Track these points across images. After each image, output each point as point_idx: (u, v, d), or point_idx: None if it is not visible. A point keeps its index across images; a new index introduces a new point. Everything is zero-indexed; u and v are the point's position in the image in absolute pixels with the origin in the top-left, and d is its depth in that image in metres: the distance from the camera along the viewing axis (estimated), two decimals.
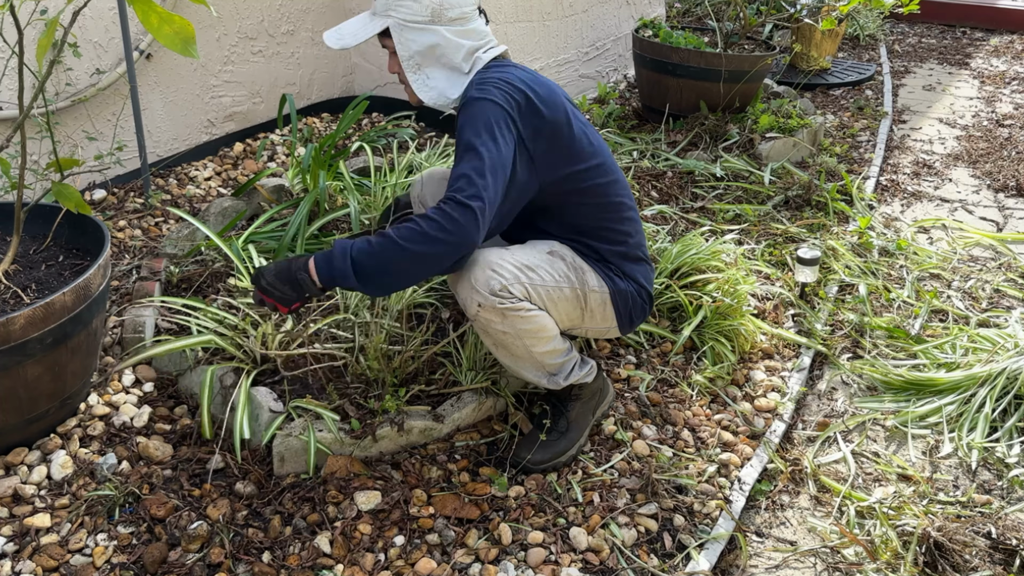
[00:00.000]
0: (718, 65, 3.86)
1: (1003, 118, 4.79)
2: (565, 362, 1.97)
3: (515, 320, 1.81)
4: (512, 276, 1.79)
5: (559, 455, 2.00)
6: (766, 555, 1.86)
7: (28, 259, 2.07)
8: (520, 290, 1.80)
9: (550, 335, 1.88)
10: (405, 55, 1.86)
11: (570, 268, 1.90)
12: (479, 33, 1.89)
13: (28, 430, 1.91)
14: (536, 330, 1.85)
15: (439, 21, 1.83)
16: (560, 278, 1.87)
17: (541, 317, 1.84)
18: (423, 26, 1.83)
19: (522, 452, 2.00)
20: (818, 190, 3.47)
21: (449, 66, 1.87)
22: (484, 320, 1.82)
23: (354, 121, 3.23)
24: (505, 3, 3.87)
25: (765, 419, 2.26)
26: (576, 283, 1.90)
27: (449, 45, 1.84)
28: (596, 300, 1.93)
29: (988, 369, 2.33)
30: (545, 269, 1.86)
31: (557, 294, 1.87)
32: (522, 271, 1.81)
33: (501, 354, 1.92)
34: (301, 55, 3.84)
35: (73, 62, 2.91)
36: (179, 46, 1.61)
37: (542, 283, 1.84)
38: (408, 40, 1.85)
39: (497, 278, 1.77)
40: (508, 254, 1.83)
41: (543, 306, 1.85)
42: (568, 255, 1.92)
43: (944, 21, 7.09)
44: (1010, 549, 1.82)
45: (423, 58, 1.86)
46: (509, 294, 1.79)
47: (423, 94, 1.88)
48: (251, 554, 1.73)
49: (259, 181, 3.01)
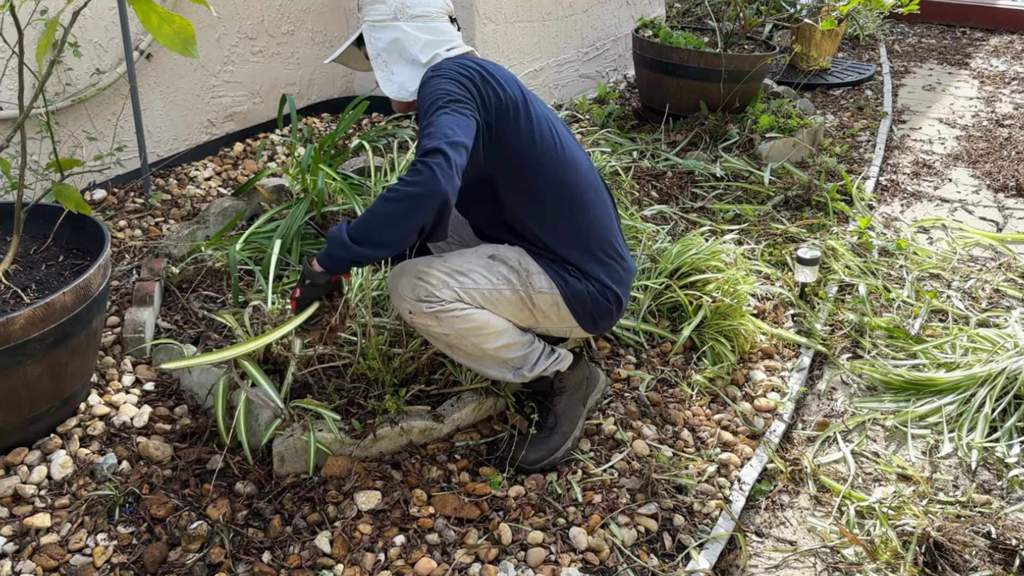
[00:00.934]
0: (718, 65, 3.86)
1: (1003, 118, 4.79)
2: (528, 354, 1.96)
3: (452, 321, 1.83)
4: (439, 282, 1.82)
5: (553, 451, 2.00)
6: (766, 555, 1.86)
7: (28, 259, 2.07)
8: (449, 294, 1.82)
9: (498, 330, 1.88)
10: (373, 53, 1.96)
11: (512, 271, 1.89)
12: (442, 32, 1.95)
13: (28, 430, 1.91)
14: (478, 327, 1.85)
15: (401, 17, 1.93)
16: (498, 280, 1.87)
17: (479, 314, 1.85)
18: (386, 23, 1.93)
19: (517, 452, 2.01)
20: (818, 190, 3.47)
21: (409, 60, 1.93)
22: (421, 326, 1.87)
23: (354, 121, 3.23)
24: (505, 3, 3.87)
25: (765, 419, 2.26)
26: (519, 285, 1.89)
27: (408, 39, 1.92)
28: (545, 301, 1.92)
29: (988, 369, 2.33)
30: (479, 273, 1.86)
31: (495, 296, 1.87)
32: (451, 276, 1.84)
33: (456, 355, 1.94)
34: (301, 55, 3.84)
35: (73, 62, 2.91)
36: (179, 46, 1.61)
37: (475, 287, 1.85)
38: (375, 39, 1.95)
39: (423, 285, 1.82)
40: (439, 262, 1.86)
41: (480, 306, 1.86)
42: (513, 257, 1.92)
43: (944, 21, 7.09)
44: (1010, 549, 1.82)
45: (388, 54, 1.95)
46: (436, 298, 1.82)
47: (387, 88, 1.96)
48: (251, 554, 1.73)
49: (259, 181, 3.01)
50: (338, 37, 4.01)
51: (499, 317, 1.89)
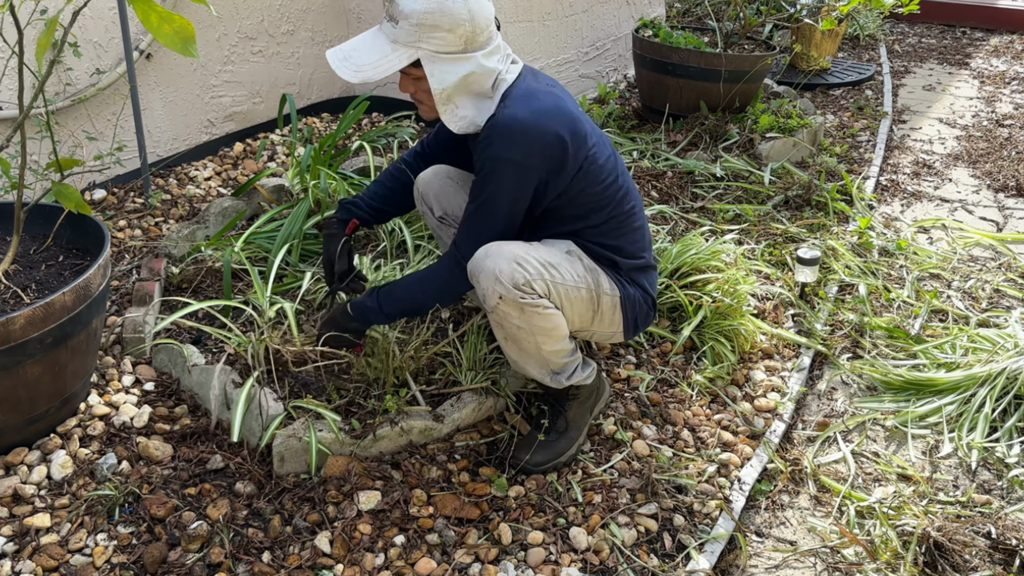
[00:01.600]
0: (718, 65, 3.86)
1: (1003, 118, 4.79)
2: (569, 362, 1.98)
3: (532, 316, 1.81)
4: (536, 271, 1.79)
5: (559, 455, 2.01)
6: (766, 555, 1.86)
7: (28, 259, 2.07)
8: (542, 286, 1.80)
9: (561, 334, 1.89)
10: (438, 88, 1.77)
11: (587, 269, 1.91)
12: (501, 50, 1.84)
13: (28, 430, 1.91)
14: (550, 328, 1.85)
15: (471, 48, 1.75)
16: (578, 278, 1.88)
17: (557, 316, 1.85)
18: (457, 55, 1.74)
19: (521, 453, 2.00)
20: (818, 190, 3.47)
21: (478, 93, 1.81)
22: (502, 313, 1.81)
23: (354, 121, 3.24)
24: (505, 3, 3.87)
25: (765, 419, 2.26)
26: (592, 284, 1.91)
27: (483, 72, 1.78)
28: (607, 303, 1.94)
29: (988, 369, 2.33)
30: (565, 267, 1.86)
31: (575, 294, 1.87)
32: (545, 268, 1.82)
33: (510, 348, 1.92)
34: (301, 55, 3.84)
35: (73, 62, 2.91)
36: (179, 46, 1.61)
37: (562, 281, 1.84)
38: (443, 72, 1.75)
39: (522, 272, 1.77)
40: (532, 249, 1.83)
41: (559, 304, 1.86)
42: (585, 257, 1.93)
43: (944, 21, 7.09)
44: (1010, 549, 1.82)
45: (455, 89, 1.78)
46: (531, 290, 1.78)
47: (453, 125, 1.83)
48: (251, 554, 1.73)
49: (259, 181, 3.01)
50: (338, 37, 4.01)
51: (566, 321, 1.89)
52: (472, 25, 1.72)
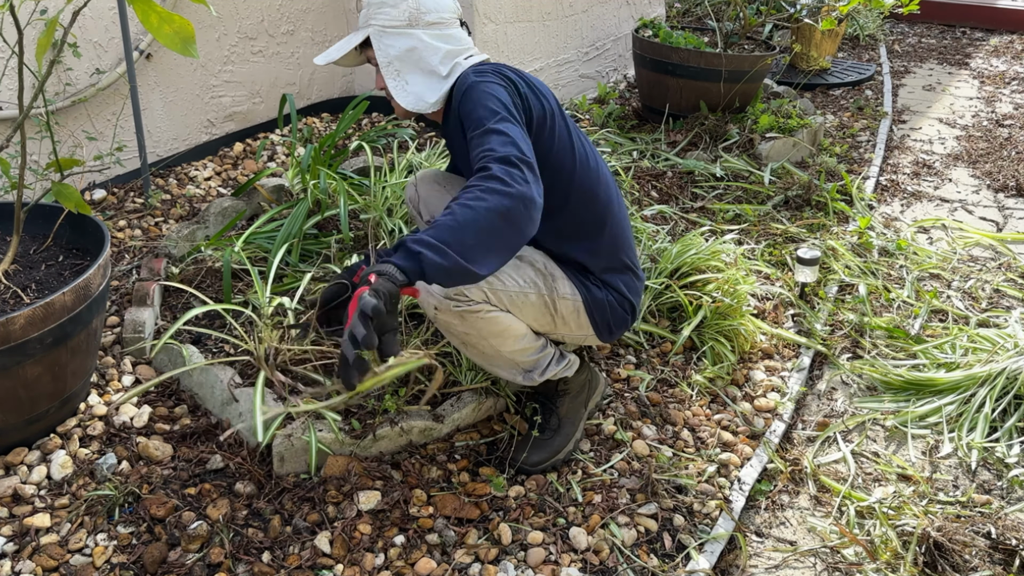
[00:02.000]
0: (718, 65, 3.86)
1: (1003, 118, 4.79)
2: (540, 358, 1.95)
3: (475, 321, 1.80)
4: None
5: (555, 453, 2.00)
6: (766, 555, 1.86)
7: (28, 259, 2.07)
8: (478, 294, 1.79)
9: (517, 334, 1.87)
10: (384, 60, 1.87)
11: (539, 274, 1.88)
12: (458, 39, 1.89)
13: (28, 430, 1.91)
14: (500, 330, 1.84)
15: (417, 24, 1.85)
16: (525, 283, 1.85)
17: (503, 317, 1.83)
18: (400, 30, 1.85)
19: (518, 454, 2.00)
20: (818, 190, 3.47)
21: (427, 70, 1.86)
22: (443, 322, 1.83)
23: (354, 121, 3.24)
24: (505, 3, 3.87)
25: (765, 419, 2.26)
26: (544, 289, 1.87)
27: (427, 48, 1.85)
28: (567, 307, 1.91)
29: (988, 369, 2.33)
30: (508, 274, 1.84)
31: (521, 299, 1.85)
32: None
33: (470, 353, 1.92)
34: (301, 55, 3.84)
35: (73, 62, 2.91)
36: (179, 46, 1.61)
37: (503, 288, 1.82)
38: (387, 46, 1.86)
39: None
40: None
41: (505, 308, 1.84)
42: (540, 260, 1.90)
43: (944, 21, 7.09)
44: (1010, 549, 1.82)
45: (401, 63, 1.86)
46: (465, 297, 1.78)
47: (401, 99, 1.87)
48: (251, 554, 1.73)
49: (259, 181, 3.01)
50: (338, 37, 4.01)
51: (520, 321, 1.87)
52: (416, 3, 1.84)
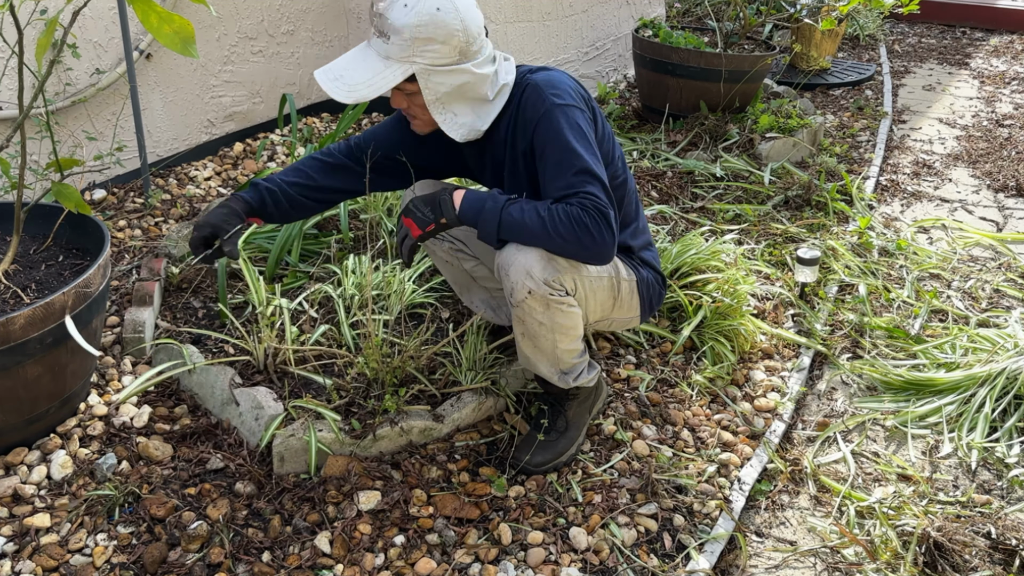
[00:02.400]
0: (718, 65, 3.86)
1: (1003, 118, 4.79)
2: (579, 363, 1.99)
3: (556, 313, 1.82)
4: (565, 268, 1.79)
5: (559, 455, 2.01)
6: (766, 555, 1.86)
7: (28, 259, 2.07)
8: (570, 283, 1.81)
9: (577, 334, 1.91)
10: (432, 99, 1.77)
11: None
12: (491, 53, 1.84)
13: (28, 430, 1.91)
14: (569, 327, 1.86)
15: (466, 58, 1.74)
16: (601, 268, 1.90)
17: (578, 314, 1.87)
18: (451, 67, 1.73)
19: (521, 454, 2.00)
20: (818, 190, 3.47)
21: (474, 99, 1.81)
22: (528, 308, 1.80)
23: (354, 121, 3.24)
24: (505, 3, 3.87)
25: (765, 419, 2.26)
26: (612, 273, 1.93)
27: (477, 81, 1.77)
28: (626, 289, 1.98)
29: (988, 369, 2.33)
30: (588, 266, 1.87)
31: (598, 284, 1.90)
32: (572, 265, 1.81)
33: (526, 344, 1.91)
34: (301, 55, 3.84)
35: (73, 62, 2.91)
36: (179, 46, 1.61)
37: (588, 274, 1.86)
38: (437, 84, 1.75)
39: (553, 268, 1.77)
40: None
41: (584, 298, 1.88)
42: None
43: (944, 21, 7.09)
44: (1010, 549, 1.82)
45: (449, 97, 1.78)
46: (560, 286, 1.79)
47: (453, 132, 1.82)
48: (251, 554, 1.73)
49: None
50: (338, 37, 4.01)
51: (583, 321, 1.91)
52: (466, 35, 1.72)
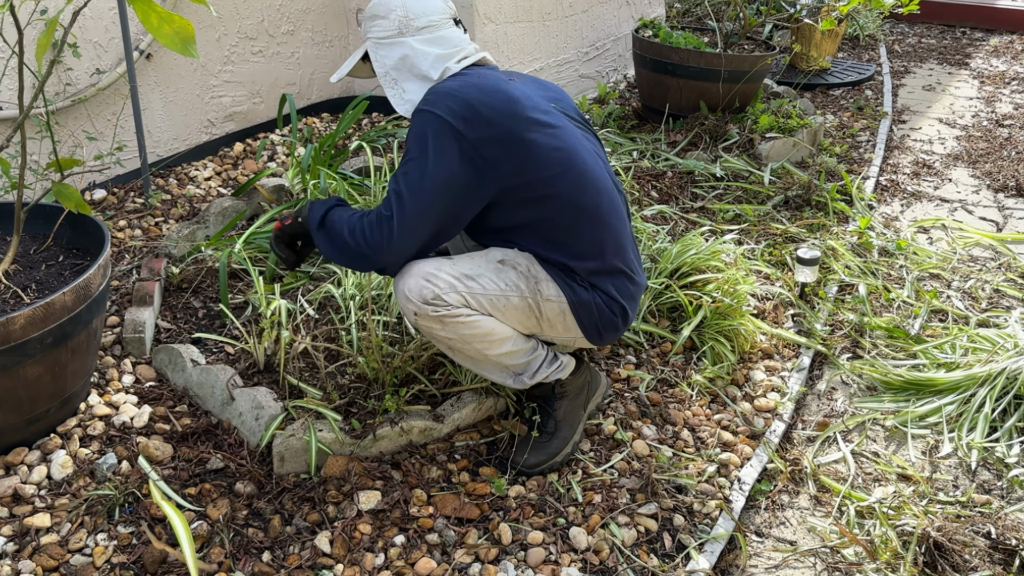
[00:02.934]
0: (718, 65, 3.86)
1: (1003, 118, 4.79)
2: (530, 361, 1.95)
3: (456, 326, 1.82)
4: (447, 285, 1.80)
5: (552, 456, 2.00)
6: (766, 555, 1.86)
7: (28, 259, 2.07)
8: (456, 298, 1.80)
9: (502, 337, 1.87)
10: (381, 72, 1.91)
11: (521, 276, 1.86)
12: (450, 41, 1.89)
13: (28, 430, 1.91)
14: (483, 334, 1.84)
15: (407, 32, 1.88)
16: (507, 287, 1.85)
17: (484, 321, 1.83)
18: (392, 39, 1.89)
19: (518, 456, 2.00)
20: (818, 190, 3.48)
21: (420, 76, 1.88)
22: (425, 328, 1.85)
23: (354, 121, 3.24)
24: (505, 3, 3.87)
25: (765, 419, 2.26)
26: (527, 292, 1.86)
27: (417, 55, 1.87)
28: (552, 309, 1.89)
29: (988, 369, 2.33)
30: (489, 278, 1.84)
31: (503, 302, 1.85)
32: (459, 280, 1.81)
33: (458, 358, 1.94)
34: (301, 55, 3.84)
35: (73, 62, 2.91)
36: (179, 46, 1.61)
37: (483, 292, 1.82)
38: (382, 57, 1.91)
39: (430, 287, 1.79)
40: (448, 264, 1.83)
41: (490, 309, 1.84)
42: (523, 263, 1.88)
43: (944, 21, 7.09)
44: (1010, 549, 1.82)
45: (397, 72, 1.90)
46: (443, 302, 1.79)
47: (399, 107, 1.90)
48: (251, 554, 1.73)
49: (259, 181, 3.01)
50: (338, 37, 4.01)
51: (504, 324, 1.87)
52: (404, 11, 1.88)
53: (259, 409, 1.98)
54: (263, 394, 2.02)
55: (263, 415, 1.97)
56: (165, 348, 2.24)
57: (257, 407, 1.98)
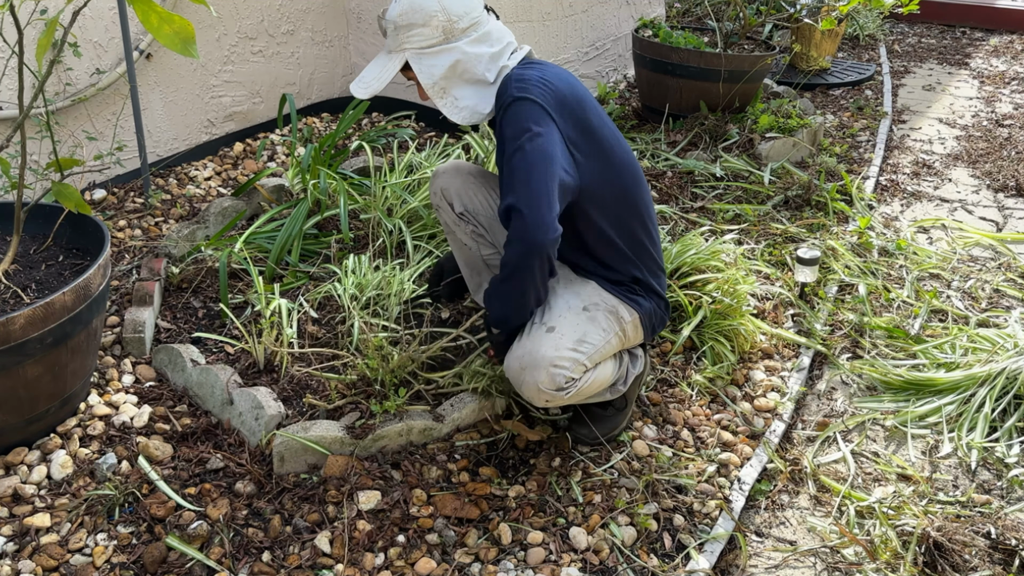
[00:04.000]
0: (718, 65, 3.86)
1: (1003, 118, 4.79)
2: (621, 371, 2.02)
3: (581, 391, 1.88)
4: (572, 364, 1.81)
5: (617, 427, 2.09)
6: (766, 555, 1.86)
7: (28, 259, 2.07)
8: (580, 369, 1.83)
9: (607, 374, 1.94)
10: (429, 83, 1.81)
11: (607, 314, 1.91)
12: (496, 36, 1.85)
13: (28, 430, 1.91)
14: (599, 383, 1.92)
15: (453, 37, 1.79)
16: (605, 331, 1.89)
17: (599, 374, 1.90)
18: (439, 48, 1.79)
19: (582, 430, 2.06)
20: (818, 190, 3.47)
21: (474, 80, 1.82)
22: (554, 405, 1.90)
23: (354, 121, 3.24)
24: (505, 3, 3.87)
25: (765, 419, 2.26)
26: (617, 327, 1.92)
27: (469, 59, 1.80)
28: (631, 328, 1.96)
29: (988, 369, 2.33)
30: (591, 331, 1.86)
31: (609, 348, 1.90)
32: (576, 351, 1.82)
33: (573, 406, 2.02)
34: (301, 55, 3.84)
35: (73, 62, 2.91)
36: (179, 46, 1.61)
37: (595, 348, 1.86)
38: (428, 67, 1.80)
39: (561, 373, 1.80)
40: (561, 341, 1.80)
41: (600, 361, 1.90)
42: (598, 299, 1.92)
43: (944, 21, 7.09)
44: (1010, 549, 1.82)
45: (447, 81, 1.81)
46: (573, 380, 1.83)
47: (456, 117, 1.83)
48: (251, 554, 1.73)
49: (259, 181, 3.01)
50: (338, 37, 4.01)
51: (606, 364, 1.93)
52: (446, 15, 1.77)
53: (259, 409, 1.98)
54: (263, 394, 2.02)
55: (263, 415, 1.97)
56: (165, 348, 2.24)
57: (257, 407, 1.98)
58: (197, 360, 2.18)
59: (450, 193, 2.19)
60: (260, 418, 1.97)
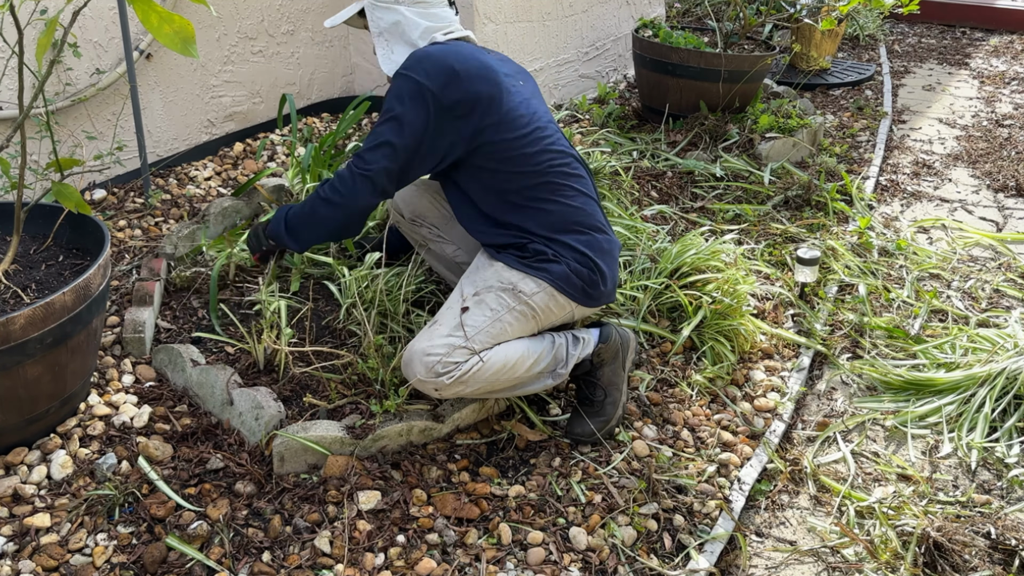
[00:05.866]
0: (718, 65, 3.86)
1: (1003, 118, 4.79)
2: (555, 353, 1.99)
3: (477, 375, 1.87)
4: (446, 347, 1.85)
5: (610, 419, 2.07)
6: (766, 555, 1.86)
7: (28, 259, 2.07)
8: (461, 353, 1.85)
9: (519, 354, 1.92)
10: (375, 31, 2.09)
11: (499, 292, 1.93)
12: (441, 17, 2.07)
13: (28, 430, 1.91)
14: (502, 366, 1.90)
15: (401, 2, 2.04)
16: (495, 309, 1.91)
17: (496, 355, 1.89)
18: (388, 5, 2.06)
19: (577, 427, 2.06)
20: (818, 190, 3.48)
21: (409, 42, 2.05)
22: (452, 394, 1.91)
23: (354, 121, 3.24)
24: (505, 3, 3.87)
25: (765, 419, 2.26)
26: (512, 301, 1.93)
27: (408, 23, 2.04)
28: (541, 300, 1.95)
29: (988, 369, 2.33)
30: (475, 314, 1.90)
31: (499, 326, 1.91)
32: (452, 335, 1.86)
33: (497, 395, 2.00)
34: (301, 55, 3.84)
35: (73, 62, 2.91)
36: (179, 46, 1.61)
37: (476, 328, 1.88)
38: (377, 18, 2.08)
39: (432, 359, 1.84)
40: (437, 329, 1.89)
41: (498, 339, 1.90)
42: (497, 281, 1.94)
43: (944, 21, 7.09)
44: (1010, 549, 1.82)
45: (390, 35, 2.08)
46: (453, 364, 1.84)
47: (384, 66, 2.07)
48: (251, 554, 1.73)
49: (259, 181, 3.01)
50: (338, 37, 4.01)
51: (513, 343, 1.92)
52: None
53: (259, 409, 1.98)
54: (263, 394, 2.02)
55: (263, 415, 1.97)
56: (165, 348, 2.24)
57: (257, 407, 1.98)
58: (197, 360, 2.18)
59: (397, 204, 2.38)
60: (260, 418, 1.97)
